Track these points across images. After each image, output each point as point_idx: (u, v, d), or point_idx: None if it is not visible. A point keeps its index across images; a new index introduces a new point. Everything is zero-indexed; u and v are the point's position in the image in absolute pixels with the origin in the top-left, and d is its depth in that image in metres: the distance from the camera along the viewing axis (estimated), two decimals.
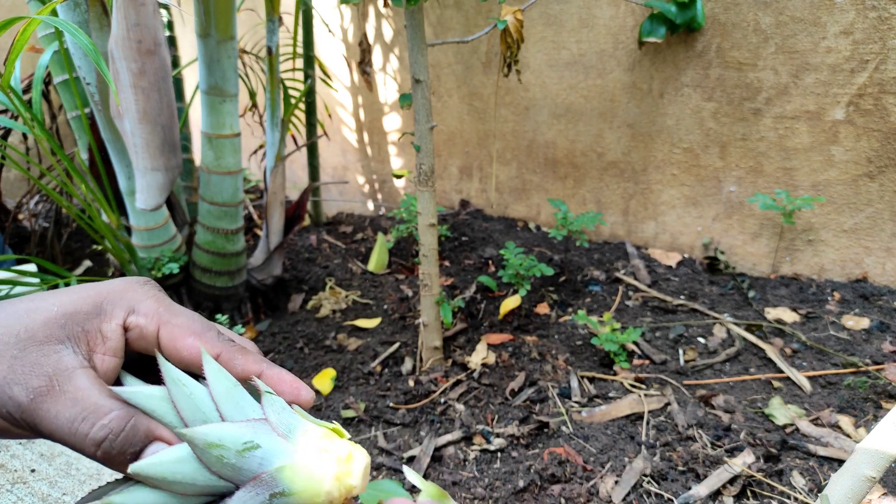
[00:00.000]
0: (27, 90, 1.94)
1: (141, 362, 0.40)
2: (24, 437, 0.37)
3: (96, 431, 0.33)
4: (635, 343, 1.47)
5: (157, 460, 0.33)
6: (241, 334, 1.10)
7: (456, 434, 1.21)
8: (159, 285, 0.41)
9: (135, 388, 0.35)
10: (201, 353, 0.36)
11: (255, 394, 0.38)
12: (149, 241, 1.59)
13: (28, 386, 0.33)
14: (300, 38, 2.13)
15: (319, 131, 2.40)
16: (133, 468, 0.32)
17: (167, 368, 0.35)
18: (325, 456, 0.35)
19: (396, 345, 1.55)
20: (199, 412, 0.35)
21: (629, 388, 1.32)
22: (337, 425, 0.38)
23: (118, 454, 0.34)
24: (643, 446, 1.14)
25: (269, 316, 1.80)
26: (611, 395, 1.31)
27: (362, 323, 1.67)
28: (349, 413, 1.32)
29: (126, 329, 0.37)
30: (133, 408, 0.34)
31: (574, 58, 1.93)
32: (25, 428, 0.34)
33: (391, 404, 1.33)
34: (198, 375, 0.37)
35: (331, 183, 2.56)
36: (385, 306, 1.77)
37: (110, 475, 1.12)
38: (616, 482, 1.06)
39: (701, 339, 1.48)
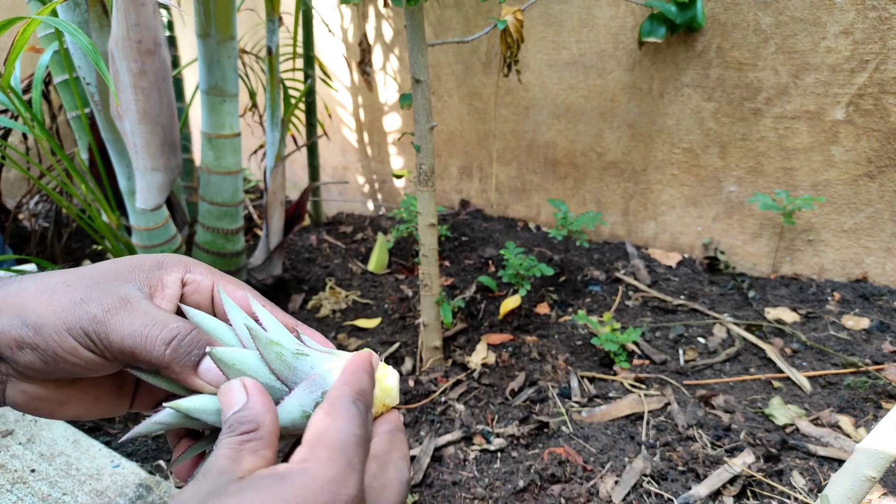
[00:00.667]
0: (27, 90, 1.94)
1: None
2: (54, 406, 0.40)
3: (167, 333, 0.37)
4: (635, 343, 1.47)
5: (229, 351, 0.38)
6: None
7: (456, 434, 1.21)
8: None
9: (197, 312, 0.41)
10: (250, 301, 0.42)
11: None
12: (149, 241, 1.59)
13: (103, 304, 0.37)
14: (300, 38, 2.13)
15: (319, 131, 2.40)
16: (210, 350, 0.37)
17: (226, 299, 0.41)
18: None
19: (396, 345, 1.55)
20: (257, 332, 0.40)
21: (629, 388, 1.32)
22: None
23: (184, 354, 0.38)
24: (643, 446, 1.14)
25: None
26: (611, 395, 1.31)
27: (362, 323, 1.67)
28: None
29: (184, 284, 0.42)
30: (196, 325, 0.40)
31: (574, 58, 1.93)
32: (95, 341, 0.37)
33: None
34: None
35: (331, 183, 2.56)
36: (385, 306, 1.77)
37: (110, 474, 1.12)
38: (616, 482, 1.06)
39: (701, 339, 1.48)
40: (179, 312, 0.42)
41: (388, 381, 0.41)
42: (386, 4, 1.27)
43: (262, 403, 0.35)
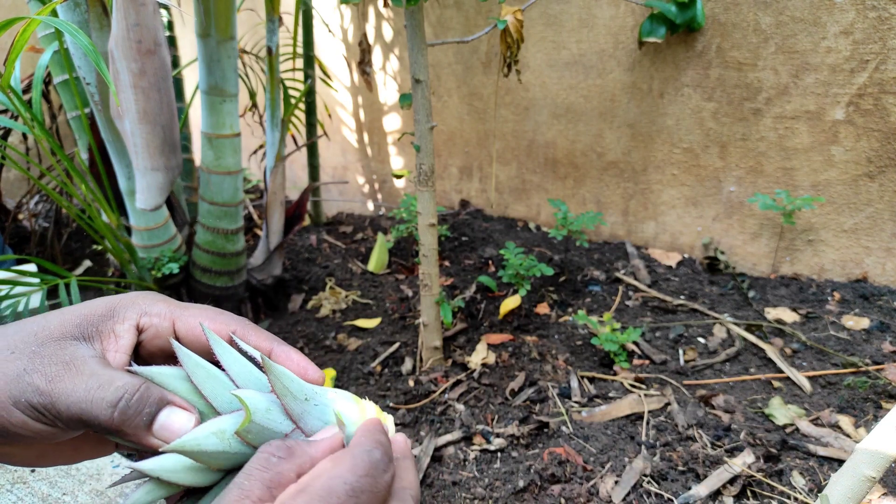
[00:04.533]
0: (27, 90, 1.94)
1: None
2: (32, 459, 0.39)
3: (112, 393, 0.35)
4: (635, 343, 1.47)
5: (191, 436, 0.35)
6: None
7: (456, 434, 1.21)
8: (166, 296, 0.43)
9: (146, 367, 0.38)
10: (209, 336, 0.38)
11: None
12: (149, 241, 1.59)
13: (46, 373, 0.35)
14: (300, 38, 2.13)
15: (319, 131, 2.40)
16: (168, 447, 0.34)
17: (181, 350, 0.37)
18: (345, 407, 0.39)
19: (396, 345, 1.55)
20: (219, 384, 0.37)
21: (629, 388, 1.32)
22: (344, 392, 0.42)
23: (134, 414, 0.35)
24: (643, 446, 1.14)
25: (269, 316, 1.80)
26: (611, 395, 1.31)
27: (362, 323, 1.67)
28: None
29: (140, 330, 0.39)
30: (145, 380, 0.37)
31: (574, 58, 1.93)
32: (43, 412, 0.35)
33: (391, 404, 1.33)
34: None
35: (331, 183, 2.56)
36: (385, 306, 1.77)
37: (110, 474, 1.12)
38: (616, 482, 1.06)
39: (701, 339, 1.48)
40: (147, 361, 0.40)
41: (387, 421, 0.41)
42: (386, 4, 1.27)
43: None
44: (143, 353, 0.41)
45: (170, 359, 0.40)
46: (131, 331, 0.39)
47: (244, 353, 0.39)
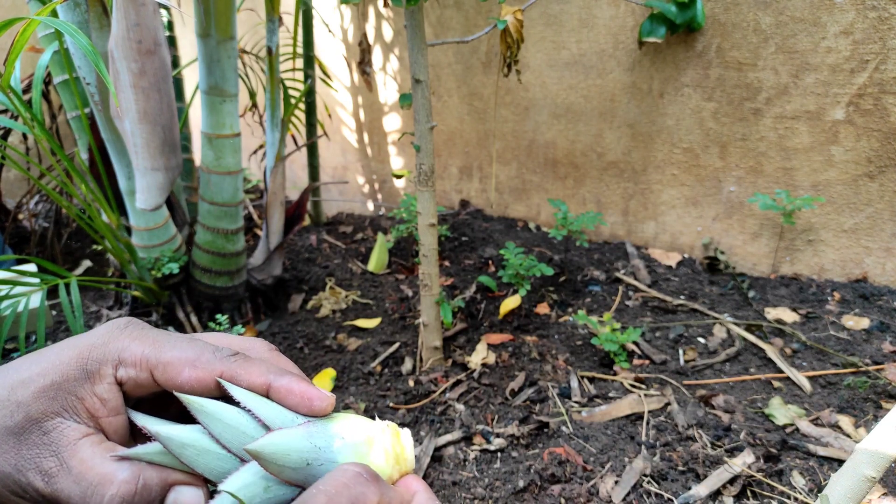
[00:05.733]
0: (27, 90, 1.94)
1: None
2: None
3: (109, 501, 0.32)
4: (635, 343, 1.47)
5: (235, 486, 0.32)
6: (240, 334, 1.09)
7: (456, 434, 1.21)
8: (142, 322, 0.38)
9: (136, 450, 0.34)
10: (188, 404, 0.35)
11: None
12: (149, 241, 1.59)
13: (40, 469, 0.33)
14: (300, 38, 2.13)
15: (319, 131, 2.40)
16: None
17: (190, 402, 0.34)
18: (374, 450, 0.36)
19: (396, 345, 1.55)
20: (212, 457, 0.35)
21: (629, 388, 1.32)
22: (350, 413, 0.39)
23: None
24: (643, 446, 1.14)
25: (269, 316, 1.80)
26: (611, 395, 1.31)
27: (362, 323, 1.67)
28: (349, 413, 1.32)
29: (120, 384, 0.36)
30: (141, 463, 0.34)
31: (574, 58, 1.93)
32: None
33: (391, 404, 1.33)
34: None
35: (331, 183, 2.56)
36: (385, 306, 1.77)
37: None
38: (616, 482, 1.06)
39: (701, 339, 1.48)
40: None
41: (403, 439, 0.38)
42: (386, 4, 1.27)
43: None
44: (126, 397, 0.37)
45: (158, 397, 0.38)
46: (113, 388, 0.35)
47: (234, 402, 0.35)
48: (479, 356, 1.45)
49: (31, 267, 1.68)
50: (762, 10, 1.57)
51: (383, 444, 0.36)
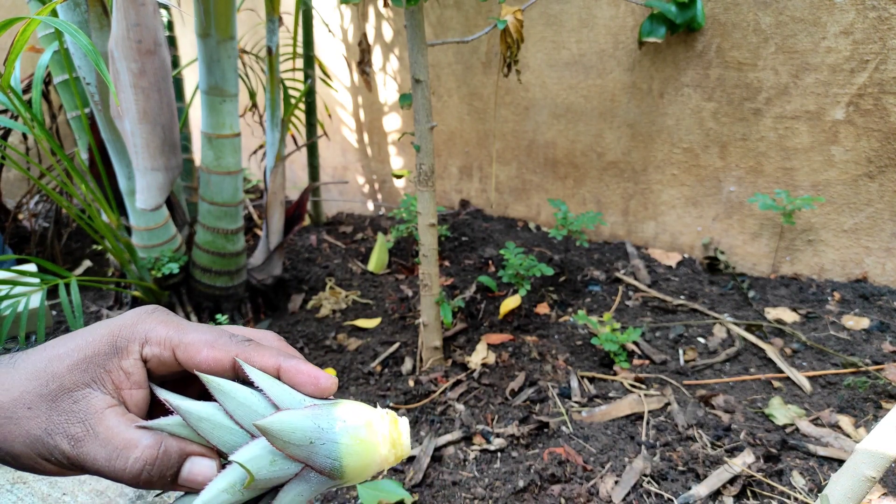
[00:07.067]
0: (27, 90, 1.94)
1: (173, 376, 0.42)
2: (75, 475, 0.39)
3: (133, 465, 0.36)
4: (635, 343, 1.47)
5: (204, 500, 0.35)
6: None
7: (456, 434, 1.21)
8: (167, 309, 0.42)
9: (161, 420, 0.38)
10: (206, 382, 0.38)
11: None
12: (149, 241, 1.59)
13: (68, 434, 0.36)
14: (300, 38, 2.13)
15: (319, 131, 2.40)
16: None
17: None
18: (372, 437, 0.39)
19: (396, 345, 1.55)
20: (226, 431, 0.38)
21: (629, 388, 1.32)
22: (347, 401, 0.41)
23: (159, 479, 0.36)
24: (643, 446, 1.14)
25: (269, 316, 1.80)
26: (611, 395, 1.31)
27: (362, 323, 1.67)
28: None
29: (145, 361, 0.39)
30: (162, 433, 0.37)
31: (574, 58, 1.93)
32: (71, 468, 0.37)
33: (391, 404, 1.33)
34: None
35: (331, 183, 2.56)
36: (385, 306, 1.77)
37: None
38: (616, 482, 1.06)
39: (701, 339, 1.48)
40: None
41: (401, 426, 0.40)
42: (386, 4, 1.27)
43: None
44: (150, 375, 0.41)
45: (179, 381, 0.42)
46: (138, 364, 0.39)
47: (249, 383, 0.39)
48: (479, 356, 1.45)
49: (31, 267, 1.68)
50: (762, 10, 1.57)
51: (382, 429, 0.39)
